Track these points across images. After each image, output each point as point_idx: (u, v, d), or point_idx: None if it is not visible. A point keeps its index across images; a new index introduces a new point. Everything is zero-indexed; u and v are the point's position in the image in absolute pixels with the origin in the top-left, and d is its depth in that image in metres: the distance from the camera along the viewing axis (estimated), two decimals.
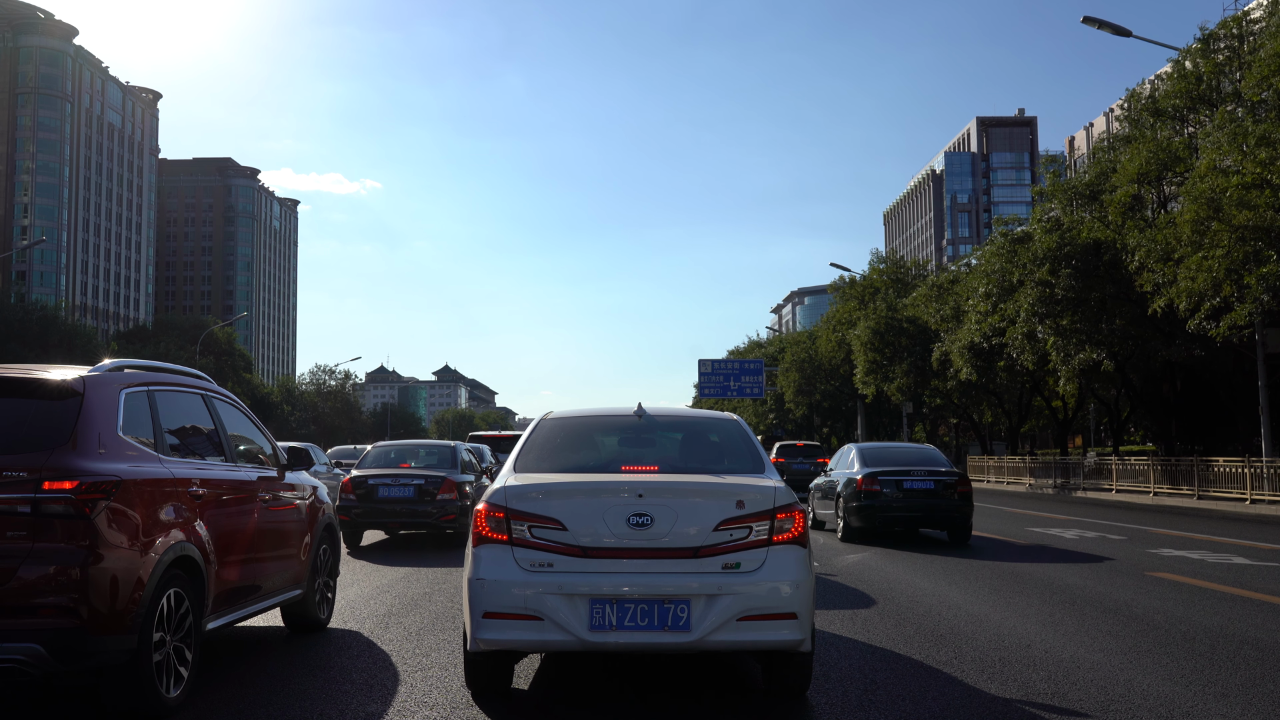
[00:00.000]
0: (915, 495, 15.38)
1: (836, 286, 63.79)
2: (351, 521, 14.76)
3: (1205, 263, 23.06)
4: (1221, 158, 22.84)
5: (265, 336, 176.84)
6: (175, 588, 5.35)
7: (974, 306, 36.84)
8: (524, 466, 5.78)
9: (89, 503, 4.79)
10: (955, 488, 15.40)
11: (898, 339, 49.57)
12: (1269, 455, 25.86)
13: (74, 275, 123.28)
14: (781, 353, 74.10)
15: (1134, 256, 27.21)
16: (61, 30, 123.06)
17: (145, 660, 5.02)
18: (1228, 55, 28.05)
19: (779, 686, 5.60)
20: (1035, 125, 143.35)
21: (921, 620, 8.35)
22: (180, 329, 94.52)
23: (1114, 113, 36.97)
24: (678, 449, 6.49)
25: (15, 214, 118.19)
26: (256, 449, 7.25)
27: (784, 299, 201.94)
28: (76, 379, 5.28)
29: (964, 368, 38.56)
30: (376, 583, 10.78)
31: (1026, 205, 76.54)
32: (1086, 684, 6.08)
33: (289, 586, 7.25)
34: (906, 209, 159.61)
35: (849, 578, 11.14)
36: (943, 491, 15.38)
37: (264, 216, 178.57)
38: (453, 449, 16.28)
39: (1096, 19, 25.59)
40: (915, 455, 16.55)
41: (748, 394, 62.18)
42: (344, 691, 5.80)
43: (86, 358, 62.00)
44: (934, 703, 5.58)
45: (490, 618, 5.09)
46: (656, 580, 5.07)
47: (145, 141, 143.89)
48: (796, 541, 5.24)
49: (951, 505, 15.30)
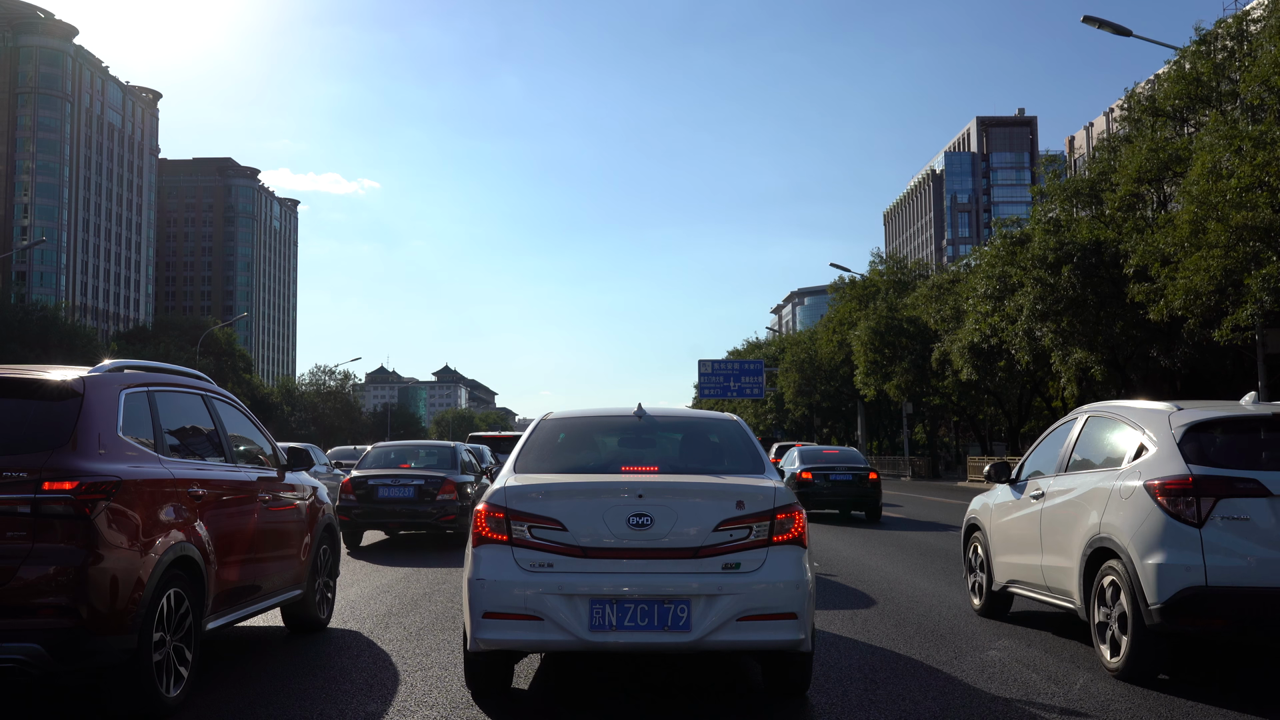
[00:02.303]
0: (840, 485, 20.95)
1: (836, 287, 63.88)
2: (351, 521, 14.76)
3: (1203, 263, 23.08)
4: (1218, 159, 22.84)
5: (265, 337, 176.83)
6: (175, 588, 5.35)
7: (974, 306, 36.87)
8: (524, 467, 5.78)
9: (89, 503, 4.79)
10: (867, 479, 20.87)
11: (897, 339, 49.61)
12: None
13: (74, 275, 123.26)
14: (781, 353, 74.16)
15: (1130, 261, 27.24)
16: (61, 30, 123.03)
17: (145, 660, 5.02)
18: (1226, 55, 28.06)
19: (779, 686, 5.60)
20: (1035, 125, 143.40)
21: (921, 620, 8.35)
22: (180, 329, 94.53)
23: (1114, 113, 36.94)
24: (678, 449, 6.50)
25: (15, 214, 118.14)
26: (256, 449, 7.25)
27: (784, 299, 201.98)
28: (76, 379, 5.28)
29: (964, 368, 38.58)
30: (376, 583, 10.78)
31: (1026, 205, 76.59)
32: (1087, 683, 6.08)
33: (289, 586, 7.25)
34: (906, 209, 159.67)
35: (849, 578, 11.14)
36: (859, 482, 20.88)
37: (264, 217, 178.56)
38: (453, 449, 16.28)
39: (1096, 19, 25.58)
40: (841, 456, 22.19)
41: (748, 394, 62.23)
42: (344, 691, 5.80)
43: (86, 358, 62.00)
44: (934, 703, 5.59)
45: (490, 618, 5.09)
46: (656, 580, 5.07)
47: (145, 141, 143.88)
48: (796, 541, 5.25)
49: (865, 492, 20.84)
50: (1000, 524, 8.39)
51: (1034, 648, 7.17)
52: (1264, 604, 5.67)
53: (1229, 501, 5.82)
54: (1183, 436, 6.21)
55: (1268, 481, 5.79)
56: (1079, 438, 7.50)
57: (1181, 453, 6.10)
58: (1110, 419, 7.17)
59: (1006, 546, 8.21)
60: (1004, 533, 8.29)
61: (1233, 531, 5.79)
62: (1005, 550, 8.22)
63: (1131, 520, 6.17)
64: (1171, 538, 5.89)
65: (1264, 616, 5.68)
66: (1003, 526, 8.33)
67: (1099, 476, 6.83)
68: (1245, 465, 5.97)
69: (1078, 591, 6.83)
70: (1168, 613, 5.81)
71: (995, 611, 8.53)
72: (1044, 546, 7.44)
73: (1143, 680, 6.09)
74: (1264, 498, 5.76)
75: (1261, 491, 5.77)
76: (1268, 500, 5.76)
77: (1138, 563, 6.02)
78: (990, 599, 8.52)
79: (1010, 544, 8.14)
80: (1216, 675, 6.36)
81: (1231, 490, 5.85)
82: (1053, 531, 7.31)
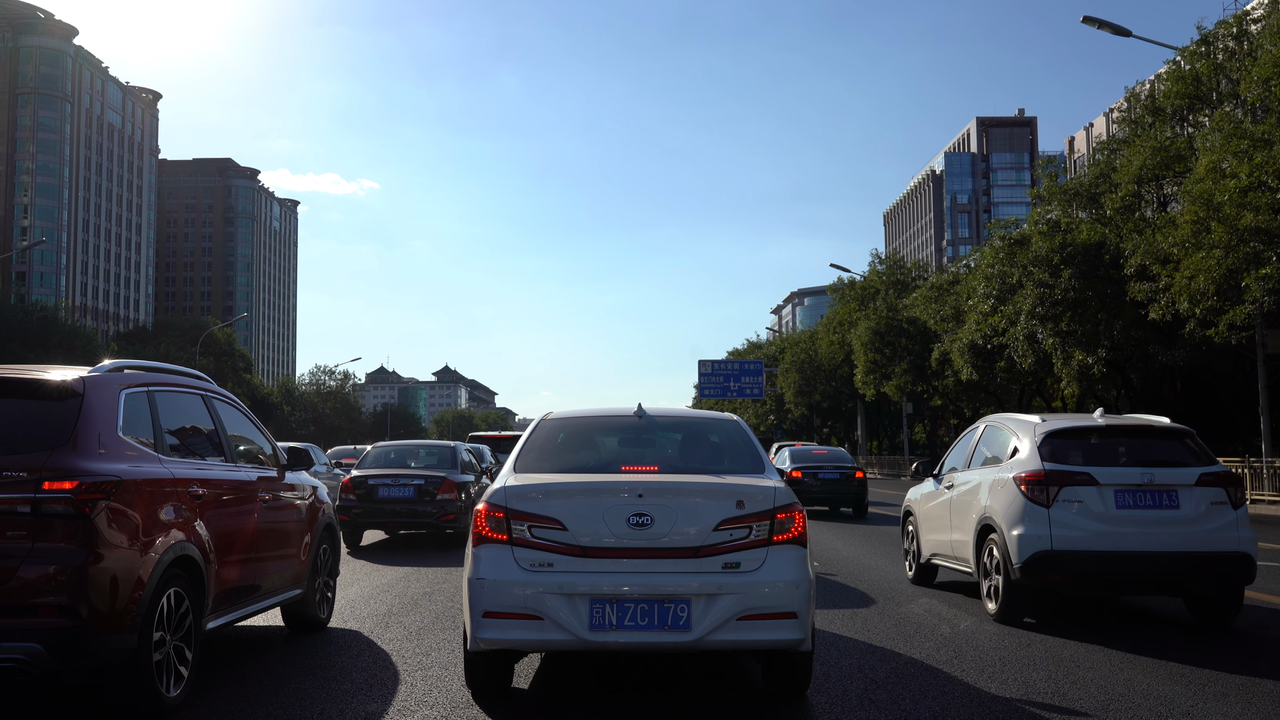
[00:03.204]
0: (828, 483, 21.86)
1: (836, 287, 63.85)
2: (351, 521, 14.77)
3: (1205, 263, 23.08)
4: (1220, 159, 22.85)
5: (265, 337, 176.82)
6: (175, 587, 5.35)
7: (974, 307, 36.86)
8: (524, 466, 5.78)
9: (89, 503, 4.79)
10: (854, 478, 21.85)
11: (897, 340, 49.60)
12: (1269, 455, 25.88)
13: (74, 276, 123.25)
14: (781, 353, 74.11)
15: (1130, 261, 27.25)
16: (61, 30, 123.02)
17: (145, 660, 5.02)
18: (1226, 55, 28.06)
19: (779, 686, 5.60)
20: (1035, 125, 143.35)
21: (921, 620, 8.35)
22: (180, 330, 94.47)
23: (1113, 114, 36.92)
24: (678, 449, 6.50)
25: (15, 214, 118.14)
26: (256, 449, 7.25)
27: (784, 299, 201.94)
28: (76, 379, 5.28)
29: (964, 367, 38.57)
30: (376, 583, 10.78)
31: (1026, 206, 76.64)
32: (1086, 683, 6.08)
33: (289, 586, 7.25)
34: (906, 209, 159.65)
35: (849, 578, 11.14)
36: (846, 481, 21.88)
37: (264, 217, 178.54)
38: (453, 449, 16.29)
39: (1096, 19, 25.59)
40: (829, 455, 23.30)
41: (748, 394, 62.24)
42: (344, 691, 5.80)
43: (86, 358, 61.99)
44: (934, 702, 5.59)
45: (490, 617, 5.09)
46: (656, 580, 5.07)
47: (145, 142, 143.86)
48: (796, 541, 5.25)
49: (852, 489, 21.80)
50: (924, 510, 10.53)
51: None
52: (1091, 562, 7.79)
53: (1069, 489, 7.90)
54: (1042, 441, 8.26)
55: (1097, 474, 7.89)
56: (979, 441, 9.56)
57: (1040, 453, 8.17)
58: (1000, 427, 9.22)
59: (928, 527, 10.31)
60: (927, 516, 10.40)
61: (1071, 510, 7.86)
62: (928, 530, 10.33)
63: (1004, 503, 8.24)
64: (1029, 515, 7.96)
65: (1091, 571, 7.82)
66: (926, 511, 10.45)
67: (988, 471, 8.88)
68: (1083, 463, 8.07)
69: (973, 559, 8.85)
70: (1025, 570, 7.89)
71: (923, 579, 10.60)
72: (952, 526, 9.52)
73: (1013, 622, 8.13)
74: (1093, 486, 7.87)
75: (1092, 481, 7.88)
76: (1096, 488, 7.86)
77: (1007, 534, 8.09)
78: (920, 569, 10.62)
79: (931, 525, 10.25)
80: (1216, 674, 6.36)
81: (1071, 480, 7.93)
82: (957, 514, 9.41)
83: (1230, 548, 7.76)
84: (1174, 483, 7.88)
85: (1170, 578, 7.85)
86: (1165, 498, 7.86)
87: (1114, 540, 7.75)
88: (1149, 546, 7.72)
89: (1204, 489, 7.90)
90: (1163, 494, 7.86)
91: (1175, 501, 7.84)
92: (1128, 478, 7.87)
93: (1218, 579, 7.83)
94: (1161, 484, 7.86)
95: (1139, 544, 7.73)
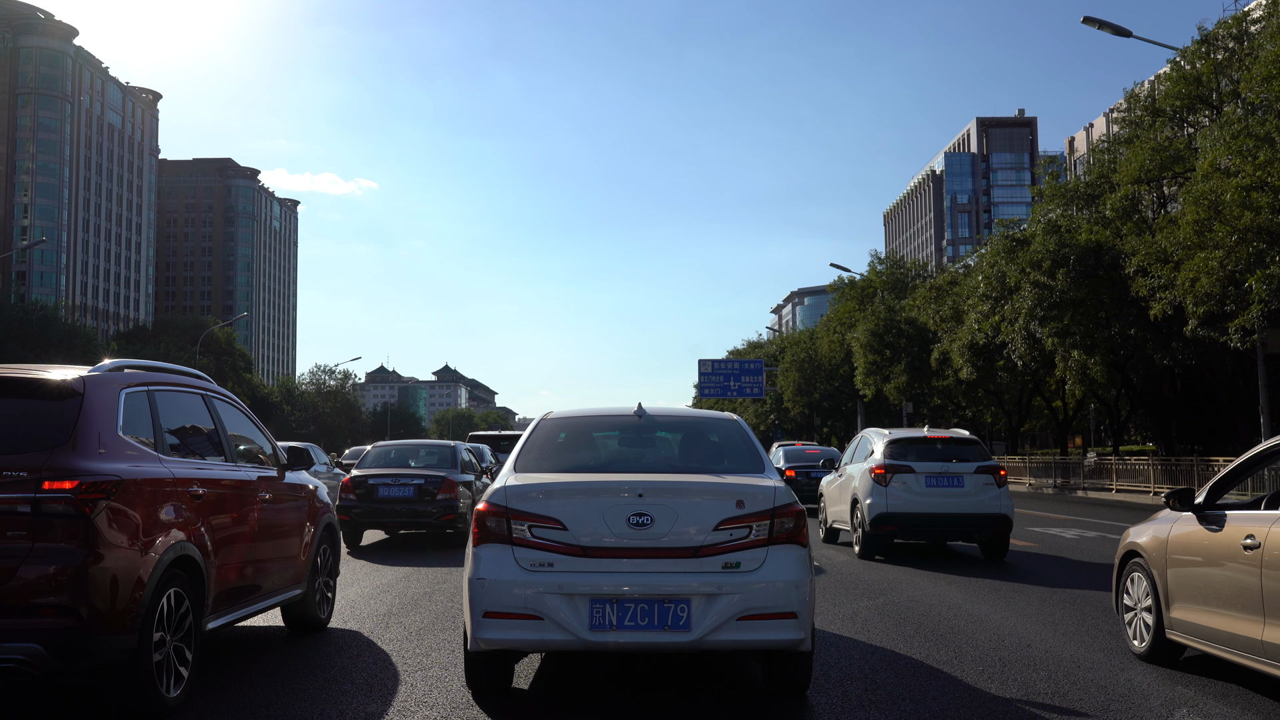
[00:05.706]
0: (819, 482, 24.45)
1: (836, 287, 63.82)
2: (351, 521, 14.76)
3: (1207, 264, 23.06)
4: (1221, 158, 22.83)
5: (265, 336, 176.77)
6: (175, 587, 5.35)
7: (974, 306, 36.84)
8: (524, 466, 5.77)
9: (89, 503, 4.79)
10: None
11: (897, 340, 49.56)
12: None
13: (74, 275, 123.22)
14: (781, 353, 74.09)
15: (1132, 260, 27.22)
16: (61, 30, 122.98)
17: (145, 660, 5.01)
18: (1227, 55, 28.04)
19: (779, 686, 5.60)
20: (1035, 126, 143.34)
21: (921, 620, 8.35)
22: (180, 329, 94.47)
23: (1113, 114, 36.86)
24: (677, 449, 6.49)
25: (15, 214, 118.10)
26: (256, 449, 7.25)
27: (784, 299, 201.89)
28: (76, 379, 5.27)
29: (964, 367, 38.55)
30: (376, 583, 10.78)
31: (1027, 206, 76.65)
32: (1087, 683, 6.08)
33: (289, 586, 7.25)
34: (906, 209, 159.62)
35: (849, 578, 11.14)
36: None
37: (264, 217, 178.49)
38: (453, 449, 16.28)
39: (1096, 19, 25.56)
40: (822, 454, 24.96)
41: (748, 394, 62.17)
42: (344, 691, 5.80)
43: (86, 358, 61.98)
44: (934, 702, 5.59)
45: (490, 617, 5.09)
46: (656, 580, 5.07)
47: (145, 142, 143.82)
48: (796, 541, 5.25)
49: None
50: (828, 491, 15.72)
51: (1036, 648, 7.20)
52: (911, 519, 12.81)
53: (899, 475, 12.88)
54: (886, 446, 13.23)
55: (916, 466, 12.91)
56: (856, 446, 14.54)
57: (885, 453, 13.13)
58: (869, 437, 14.17)
59: (829, 501, 15.57)
60: (829, 496, 15.64)
61: (900, 488, 12.84)
62: (829, 504, 15.53)
63: (863, 485, 13.22)
64: (875, 492, 12.94)
65: (912, 525, 12.84)
66: (829, 493, 15.67)
67: (858, 465, 13.81)
68: (908, 459, 13.03)
69: (850, 520, 13.83)
70: (873, 525, 12.82)
71: (830, 539, 15.62)
72: (840, 500, 14.55)
73: (868, 558, 12.96)
74: (913, 474, 12.86)
75: (910, 470, 12.88)
76: (913, 474, 12.85)
77: (863, 503, 13.08)
78: (827, 532, 15.64)
79: (831, 500, 15.45)
80: (1216, 675, 6.38)
81: (900, 470, 12.91)
82: (842, 492, 14.46)
83: (994, 510, 12.75)
84: (961, 471, 12.89)
85: (960, 528, 12.91)
86: (956, 480, 12.86)
87: (925, 505, 12.80)
88: (946, 510, 12.82)
89: (979, 475, 12.88)
90: (954, 478, 12.87)
91: (961, 483, 12.86)
92: (934, 468, 12.89)
93: (987, 529, 12.79)
94: (954, 472, 12.89)
95: (940, 508, 12.82)
